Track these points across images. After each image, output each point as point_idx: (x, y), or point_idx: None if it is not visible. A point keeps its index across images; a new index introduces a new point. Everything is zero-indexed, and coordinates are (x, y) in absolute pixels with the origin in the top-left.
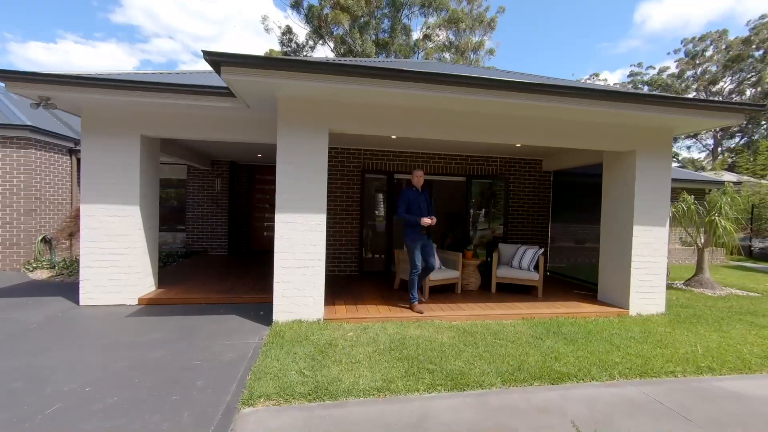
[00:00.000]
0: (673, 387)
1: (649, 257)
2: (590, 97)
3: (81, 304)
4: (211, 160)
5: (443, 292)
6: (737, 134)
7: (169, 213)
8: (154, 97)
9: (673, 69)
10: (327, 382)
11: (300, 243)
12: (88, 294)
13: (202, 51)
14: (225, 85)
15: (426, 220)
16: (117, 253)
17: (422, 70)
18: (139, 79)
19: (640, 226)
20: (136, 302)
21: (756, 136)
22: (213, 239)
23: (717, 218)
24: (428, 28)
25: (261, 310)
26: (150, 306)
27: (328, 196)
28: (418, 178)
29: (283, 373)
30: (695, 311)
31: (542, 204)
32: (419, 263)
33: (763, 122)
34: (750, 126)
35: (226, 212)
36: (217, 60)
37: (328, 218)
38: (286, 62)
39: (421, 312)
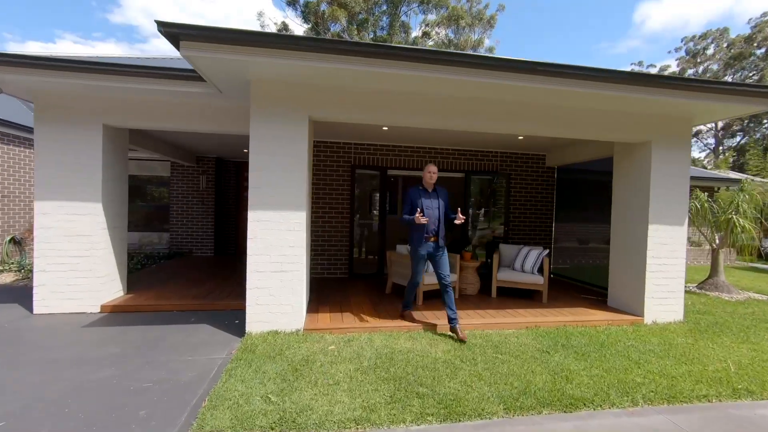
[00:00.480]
0: (708, 415)
1: (666, 259)
2: (601, 79)
3: (35, 312)
4: (195, 156)
5: (439, 298)
6: (738, 133)
7: (154, 212)
8: (113, 81)
9: (674, 68)
10: (296, 411)
11: (276, 244)
12: (43, 301)
13: (156, 21)
14: (192, 68)
15: (420, 218)
16: (76, 256)
17: (413, 47)
18: (95, 61)
19: (656, 225)
20: (98, 310)
21: (758, 135)
22: (198, 240)
23: (735, 217)
24: (427, 25)
25: (237, 318)
26: (113, 314)
27: (315, 193)
28: (430, 175)
29: (245, 400)
30: (715, 318)
31: (546, 202)
32: (419, 276)
33: (765, 121)
34: (752, 125)
35: (212, 211)
36: (174, 33)
37: (315, 217)
38: (256, 36)
39: (412, 321)
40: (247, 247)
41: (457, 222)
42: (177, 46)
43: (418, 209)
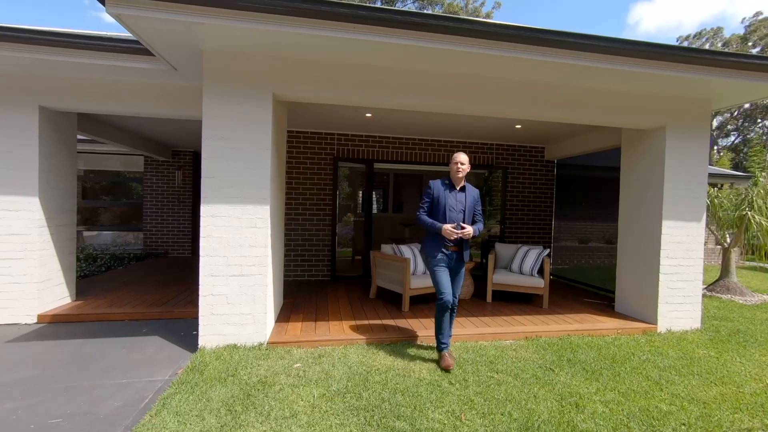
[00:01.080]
0: None
1: (682, 260)
2: (615, 52)
3: None
4: (171, 151)
5: (428, 303)
6: (732, 132)
7: (129, 210)
8: (44, 54)
9: None
10: None
11: (235, 243)
12: None
13: None
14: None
15: (449, 228)
16: (8, 258)
17: (402, 10)
18: (16, 27)
19: (671, 222)
20: (35, 320)
21: (751, 134)
22: (175, 239)
23: (750, 213)
24: None
25: (196, 328)
26: (52, 325)
27: (294, 188)
28: (457, 167)
29: None
30: (735, 325)
31: (545, 198)
32: (446, 289)
33: (759, 120)
34: (747, 124)
35: (189, 209)
36: None
37: (294, 214)
38: None
39: (449, 368)
40: (199, 247)
41: (463, 234)
42: (102, 2)
43: (443, 213)
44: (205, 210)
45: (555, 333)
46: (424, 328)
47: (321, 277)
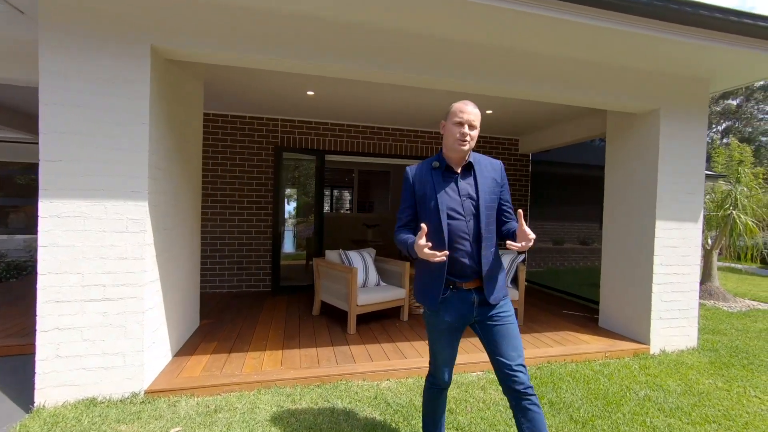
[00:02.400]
0: None
1: (677, 267)
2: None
3: None
4: None
5: (381, 320)
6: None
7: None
8: None
9: None
10: None
11: (95, 255)
12: None
13: None
14: None
15: (426, 251)
16: None
17: None
18: None
19: (665, 222)
20: None
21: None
22: None
23: (735, 213)
24: None
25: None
26: None
27: (229, 183)
28: (460, 130)
29: None
30: (731, 340)
31: (518, 195)
32: (442, 365)
33: (713, 125)
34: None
35: None
36: None
37: (228, 214)
38: None
39: None
40: (37, 261)
41: (516, 247)
42: None
43: (435, 221)
44: (45, 208)
45: (533, 360)
46: (369, 360)
47: (262, 287)
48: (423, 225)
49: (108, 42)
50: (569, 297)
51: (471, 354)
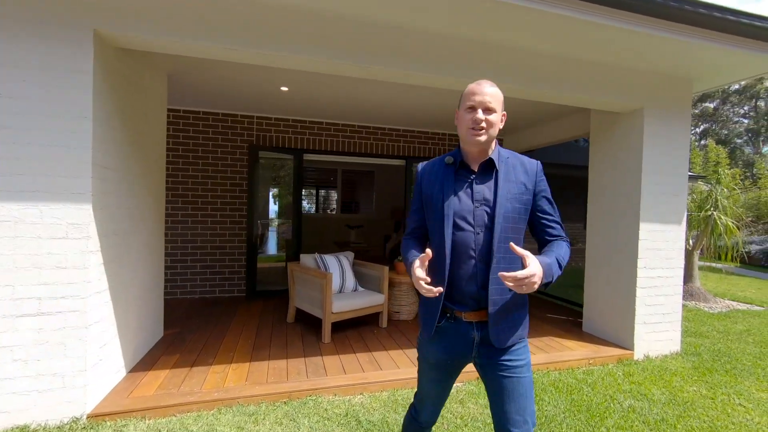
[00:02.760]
0: None
1: (661, 270)
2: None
3: None
4: None
5: (358, 327)
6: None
7: None
8: None
9: None
10: None
11: (28, 264)
12: None
13: None
14: None
15: (416, 274)
16: None
17: None
18: None
19: (649, 225)
20: None
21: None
22: None
23: (716, 214)
24: None
25: None
26: None
27: (201, 184)
28: (475, 119)
29: None
30: (713, 343)
31: None
32: (424, 392)
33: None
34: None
35: None
36: None
37: (200, 216)
38: None
39: None
40: None
41: (509, 285)
42: None
43: (438, 230)
44: None
45: None
46: (342, 372)
47: (237, 292)
48: (428, 251)
49: (45, 26)
50: (553, 300)
51: (410, 369)
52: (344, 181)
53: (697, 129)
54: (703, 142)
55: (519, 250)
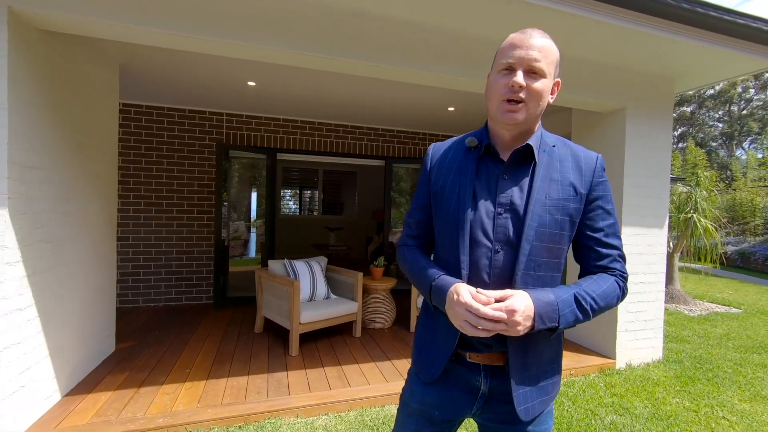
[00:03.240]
0: None
1: (643, 275)
2: None
3: None
4: None
5: (331, 337)
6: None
7: None
8: None
9: None
10: None
11: None
12: None
13: None
14: None
15: (462, 299)
16: None
17: None
18: None
19: (631, 229)
20: None
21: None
22: None
23: (695, 216)
24: None
25: None
26: None
27: (165, 184)
28: (499, 79)
29: None
30: (693, 349)
31: None
32: None
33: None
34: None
35: None
36: None
37: (165, 219)
38: None
39: None
40: None
41: (511, 324)
42: None
43: (449, 236)
44: None
45: None
46: (307, 390)
47: (205, 299)
48: (460, 286)
49: None
50: None
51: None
52: (327, 182)
53: (675, 132)
54: (681, 144)
55: (519, 296)
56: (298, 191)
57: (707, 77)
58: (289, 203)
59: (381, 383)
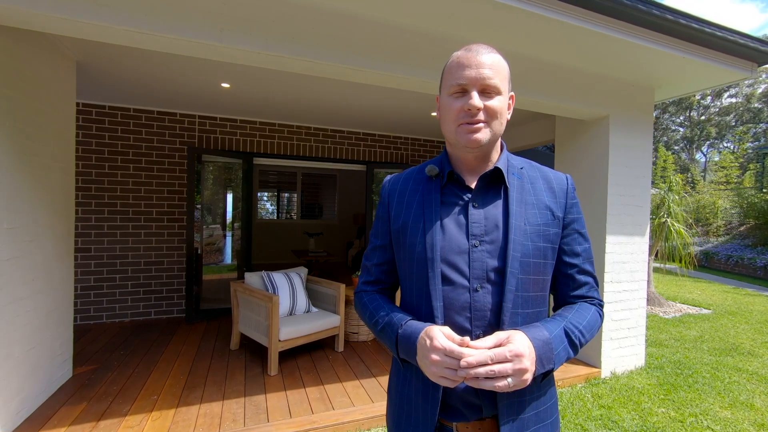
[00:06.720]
0: None
1: (627, 284)
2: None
3: None
4: None
5: (313, 352)
6: None
7: None
8: None
9: None
10: None
11: None
12: None
13: None
14: None
15: (439, 343)
16: None
17: None
18: None
19: (614, 237)
20: None
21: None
22: None
23: (669, 221)
24: None
25: None
26: None
27: (132, 191)
28: (452, 102)
29: None
30: (672, 353)
31: None
32: None
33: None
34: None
35: None
36: None
37: (131, 228)
38: None
39: None
40: None
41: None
42: None
43: (418, 279)
44: None
45: None
46: (287, 415)
47: (176, 313)
48: (436, 328)
49: None
50: None
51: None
52: (306, 185)
53: None
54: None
55: (511, 335)
56: (275, 194)
57: (686, 87)
58: (267, 205)
59: (366, 404)
